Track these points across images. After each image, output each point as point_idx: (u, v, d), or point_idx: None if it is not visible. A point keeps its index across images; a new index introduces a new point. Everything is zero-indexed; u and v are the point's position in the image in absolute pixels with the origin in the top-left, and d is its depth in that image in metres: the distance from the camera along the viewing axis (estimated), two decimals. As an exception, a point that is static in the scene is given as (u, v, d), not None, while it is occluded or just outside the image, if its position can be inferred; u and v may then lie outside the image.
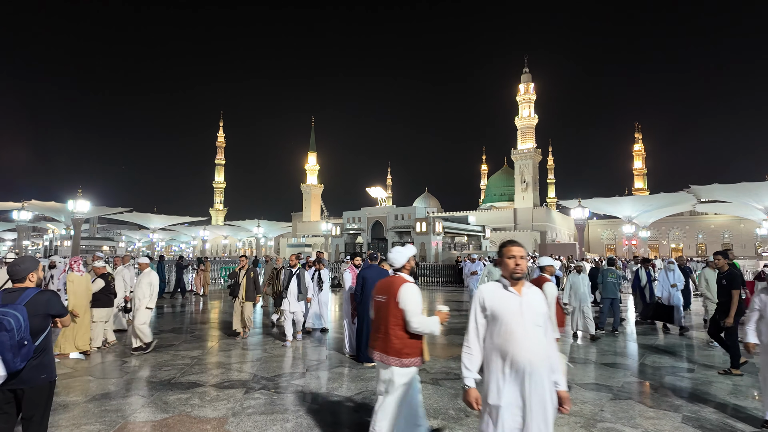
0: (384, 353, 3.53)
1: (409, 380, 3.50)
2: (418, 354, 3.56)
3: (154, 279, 8.22)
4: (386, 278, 3.83)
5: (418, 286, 3.76)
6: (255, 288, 9.51)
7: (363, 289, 6.99)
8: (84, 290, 7.78)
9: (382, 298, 3.68)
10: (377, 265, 7.32)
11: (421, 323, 3.48)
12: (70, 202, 41.43)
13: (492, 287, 2.88)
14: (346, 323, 7.76)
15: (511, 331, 2.71)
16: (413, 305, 3.50)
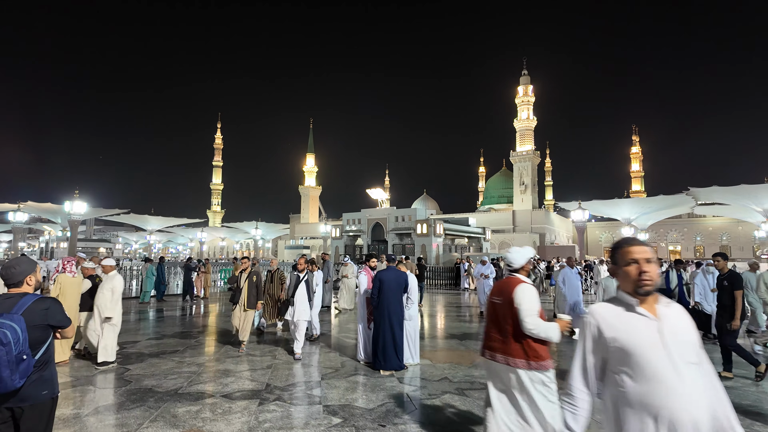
0: (507, 355, 3.39)
1: (537, 384, 3.32)
2: (545, 357, 3.37)
3: (117, 285, 7.23)
4: (503, 280, 3.73)
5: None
6: (257, 294, 8.46)
7: (380, 292, 6.63)
8: (75, 294, 7.36)
9: (499, 300, 3.58)
10: (395, 267, 6.95)
11: (537, 325, 3.31)
12: (67, 204, 40.89)
13: (609, 309, 2.06)
14: (361, 328, 7.34)
15: (654, 374, 1.86)
16: (528, 305, 3.37)
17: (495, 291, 3.71)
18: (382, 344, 6.53)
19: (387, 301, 6.59)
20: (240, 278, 8.51)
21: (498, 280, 3.88)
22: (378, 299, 6.63)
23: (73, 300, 7.24)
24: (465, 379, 6.41)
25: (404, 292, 6.81)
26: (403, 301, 6.80)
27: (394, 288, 6.66)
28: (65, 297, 7.12)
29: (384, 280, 6.63)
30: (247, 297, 8.30)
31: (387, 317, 6.58)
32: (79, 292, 7.46)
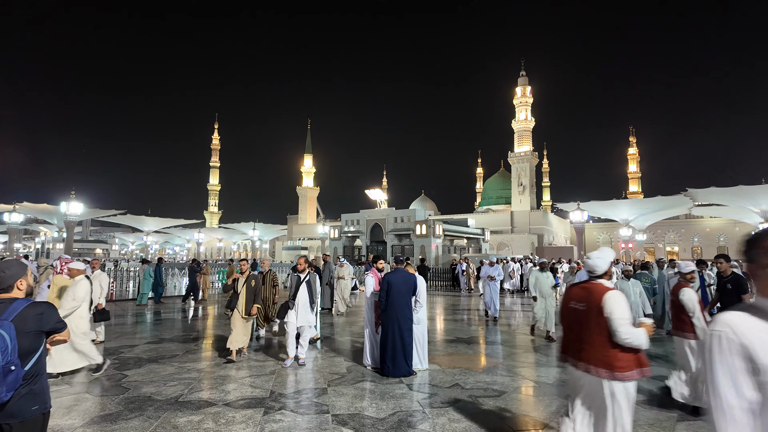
0: (590, 364, 3.26)
1: (620, 394, 3.19)
2: (633, 367, 3.22)
3: (80, 291, 6.57)
4: (583, 285, 3.57)
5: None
6: (255, 299, 7.80)
7: (388, 295, 6.39)
8: (72, 294, 7.05)
9: (581, 306, 3.45)
10: (403, 268, 6.72)
11: (631, 334, 3.18)
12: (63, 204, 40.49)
13: (755, 324, 1.45)
14: (368, 332, 7.08)
15: None
16: (620, 314, 3.23)
17: (576, 296, 3.57)
18: (391, 349, 6.30)
19: (395, 304, 6.37)
20: (237, 282, 7.84)
21: (575, 285, 3.69)
22: (386, 302, 6.40)
23: (70, 299, 6.96)
24: (477, 385, 6.17)
25: (413, 294, 6.59)
26: (411, 304, 6.58)
27: (402, 290, 6.43)
28: (60, 299, 6.86)
29: (392, 283, 6.40)
30: (245, 303, 7.64)
31: (395, 321, 6.35)
32: (74, 292, 7.19)
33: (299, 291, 7.30)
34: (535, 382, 6.40)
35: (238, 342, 7.57)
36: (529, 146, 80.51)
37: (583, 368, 3.32)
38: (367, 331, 7.10)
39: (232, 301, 7.82)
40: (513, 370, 7.08)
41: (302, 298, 7.31)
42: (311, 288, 7.40)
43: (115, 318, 12.59)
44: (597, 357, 3.25)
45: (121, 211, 69.71)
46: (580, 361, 3.37)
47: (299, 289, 7.31)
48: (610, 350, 3.22)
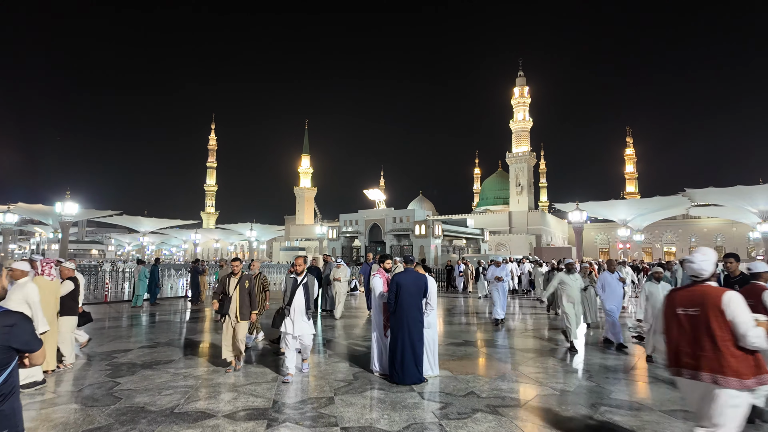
0: (717, 373, 3.07)
1: (743, 404, 3.07)
2: (756, 373, 3.06)
3: (31, 294, 5.67)
4: (690, 288, 3.39)
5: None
6: (250, 302, 7.00)
7: (397, 297, 6.01)
8: (53, 299, 6.60)
9: (694, 311, 3.26)
10: (413, 269, 6.34)
11: (759, 337, 3.00)
12: (58, 205, 40.04)
13: None
14: (376, 337, 6.68)
15: None
16: (745, 316, 3.06)
17: (684, 302, 3.37)
18: (401, 355, 5.92)
19: (405, 306, 6.00)
20: (229, 284, 7.04)
21: (677, 290, 3.51)
22: (395, 304, 6.02)
23: (50, 306, 6.52)
24: (493, 393, 5.79)
25: (423, 296, 6.21)
26: (422, 307, 6.21)
27: (413, 292, 6.06)
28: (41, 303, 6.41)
29: (402, 284, 6.02)
30: (239, 307, 6.84)
31: (405, 325, 5.98)
32: (57, 297, 6.77)
33: (295, 295, 6.48)
34: (555, 389, 6.02)
35: (234, 350, 6.90)
36: (527, 146, 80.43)
37: (709, 379, 3.12)
38: (375, 335, 6.70)
39: (224, 305, 6.95)
40: (529, 376, 6.71)
41: (298, 303, 6.46)
42: (308, 292, 6.56)
43: (109, 320, 12.17)
44: (728, 365, 3.06)
45: (117, 212, 69.27)
46: (700, 371, 3.18)
47: (295, 294, 6.49)
48: (737, 356, 3.06)
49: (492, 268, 12.49)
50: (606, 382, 6.38)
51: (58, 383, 6.21)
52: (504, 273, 12.17)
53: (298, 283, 6.55)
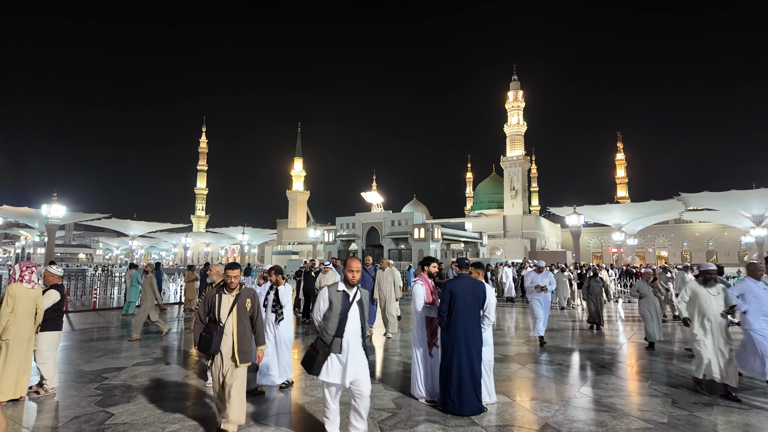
0: None
1: None
2: None
3: None
4: None
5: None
6: (255, 333, 4.74)
7: (452, 309, 5.03)
8: (29, 309, 5.53)
9: None
10: (468, 275, 5.31)
11: None
12: (44, 207, 38.79)
13: None
14: (419, 356, 5.62)
15: None
16: None
17: None
18: (457, 379, 4.91)
19: (461, 321, 4.99)
20: (220, 304, 4.55)
21: None
22: (448, 318, 5.02)
23: (26, 318, 5.48)
24: (575, 427, 4.75)
25: (481, 307, 5.23)
26: (480, 320, 5.22)
27: (470, 303, 5.06)
28: (17, 314, 5.37)
29: (457, 294, 5.03)
30: (237, 341, 4.46)
31: (463, 343, 4.97)
32: (38, 307, 5.66)
33: (348, 320, 4.16)
34: (648, 421, 4.98)
35: (232, 415, 4.40)
36: (521, 150, 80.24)
37: None
38: (419, 353, 5.61)
39: (212, 338, 4.40)
40: (605, 402, 5.67)
41: (353, 331, 4.18)
42: (365, 314, 4.33)
43: (98, 331, 11.03)
44: None
45: (106, 215, 67.79)
46: None
47: (349, 316, 4.17)
48: None
49: (531, 275, 10.59)
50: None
51: (36, 414, 5.11)
52: (548, 281, 10.26)
53: (351, 301, 4.24)
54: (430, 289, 5.67)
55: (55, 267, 6.42)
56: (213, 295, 4.60)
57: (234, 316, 4.54)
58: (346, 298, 4.22)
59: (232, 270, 4.56)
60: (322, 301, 4.24)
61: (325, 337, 4.14)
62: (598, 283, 12.02)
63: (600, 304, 11.75)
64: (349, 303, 4.22)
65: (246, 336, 4.57)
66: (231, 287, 4.59)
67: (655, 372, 7.32)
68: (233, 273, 4.55)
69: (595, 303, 11.75)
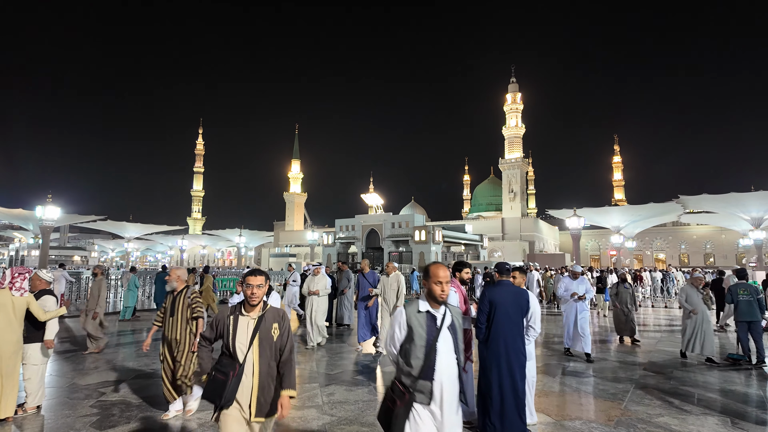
0: None
1: None
2: None
3: None
4: None
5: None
6: (281, 377, 3.20)
7: (491, 320, 4.49)
8: (13, 319, 4.94)
9: None
10: (509, 281, 4.74)
11: None
12: (39, 209, 38.02)
13: None
14: None
15: None
16: None
17: None
18: (498, 399, 4.36)
19: (503, 333, 4.43)
20: (235, 330, 3.17)
21: None
22: (488, 331, 4.48)
23: (9, 330, 4.90)
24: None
25: (524, 318, 4.68)
26: (524, 333, 4.65)
27: (512, 313, 4.50)
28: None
29: (497, 303, 4.48)
30: (258, 385, 3.09)
31: (504, 358, 4.41)
32: (21, 317, 5.08)
33: (439, 353, 2.94)
34: None
35: None
36: (519, 153, 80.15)
37: None
38: None
39: (220, 381, 3.06)
40: (657, 421, 5.16)
41: (447, 372, 2.93)
42: (458, 343, 3.10)
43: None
44: None
45: (101, 217, 66.94)
46: None
47: (438, 348, 2.95)
48: None
49: (566, 281, 9.28)
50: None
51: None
52: (585, 288, 9.01)
53: (440, 325, 3.01)
54: (463, 297, 5.12)
55: (45, 272, 5.86)
56: (226, 316, 3.18)
57: (256, 350, 3.07)
58: (432, 322, 2.95)
59: (253, 277, 3.12)
60: (397, 327, 2.99)
61: (406, 379, 2.89)
62: (627, 290, 11.11)
63: (631, 313, 10.75)
64: (438, 329, 2.94)
65: (271, 378, 3.11)
66: (252, 304, 3.13)
67: (698, 386, 6.84)
68: (255, 281, 3.11)
69: (625, 312, 10.74)
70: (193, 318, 5.21)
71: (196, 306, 5.23)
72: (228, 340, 3.10)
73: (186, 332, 5.16)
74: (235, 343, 3.08)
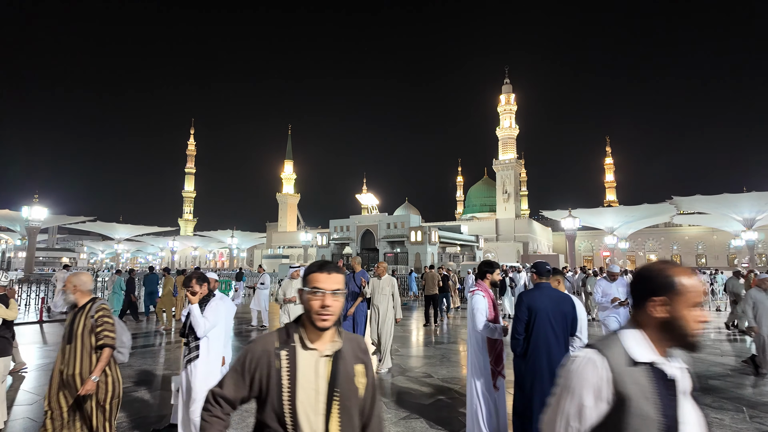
0: None
1: None
2: None
3: None
4: None
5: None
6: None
7: (531, 330, 3.90)
8: None
9: None
10: (548, 284, 4.13)
11: None
12: (25, 209, 37.27)
13: None
14: (479, 389, 4.34)
15: None
16: None
17: None
18: (536, 416, 3.74)
19: (545, 345, 3.85)
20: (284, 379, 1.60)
21: None
22: (526, 343, 3.90)
23: None
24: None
25: (570, 328, 4.05)
26: (569, 345, 4.05)
27: (555, 322, 3.90)
28: None
29: (538, 309, 3.89)
30: None
31: (547, 374, 3.78)
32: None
33: None
34: None
35: None
36: (513, 154, 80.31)
37: None
38: (478, 385, 4.36)
39: None
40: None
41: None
42: None
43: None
44: None
45: (91, 218, 66.22)
46: None
47: None
48: None
49: (603, 284, 8.08)
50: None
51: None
52: (623, 291, 7.82)
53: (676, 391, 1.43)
54: (491, 303, 4.49)
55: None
56: (270, 350, 1.67)
57: (335, 420, 1.63)
58: (664, 387, 1.41)
59: (326, 275, 1.68)
60: (586, 395, 1.42)
61: None
62: None
63: None
64: (675, 397, 1.42)
65: None
66: (322, 326, 1.64)
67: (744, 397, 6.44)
68: (330, 283, 1.67)
69: None
70: (98, 347, 3.47)
71: (103, 329, 3.48)
72: (278, 400, 1.61)
73: (89, 367, 3.43)
74: (297, 408, 1.60)
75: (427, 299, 13.32)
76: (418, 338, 10.86)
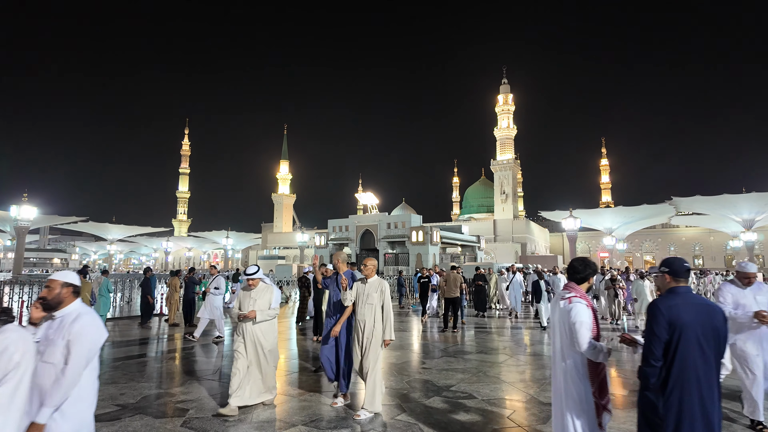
0: None
1: None
2: None
3: None
4: None
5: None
6: None
7: (675, 354, 2.89)
8: None
9: None
10: (688, 288, 3.10)
11: None
12: (13, 208, 36.14)
13: None
14: (578, 428, 3.26)
15: None
16: None
17: None
18: None
19: (695, 377, 2.86)
20: None
21: None
22: (666, 372, 2.89)
23: None
24: None
25: (720, 348, 3.01)
26: (720, 371, 3.03)
27: (704, 343, 2.91)
28: None
29: (684, 325, 2.88)
30: None
31: (700, 415, 2.83)
32: None
33: None
34: None
35: None
36: (511, 154, 79.96)
37: None
38: (578, 424, 3.25)
39: None
40: None
41: None
42: None
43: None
44: None
45: (83, 218, 65.20)
46: None
47: None
48: None
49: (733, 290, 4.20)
50: None
51: None
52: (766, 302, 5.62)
53: None
54: (594, 314, 3.39)
55: None
56: None
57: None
58: None
59: None
60: None
61: None
62: None
63: None
64: None
65: None
66: None
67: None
68: None
69: None
70: None
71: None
72: None
73: None
74: None
75: (447, 302, 12.39)
76: (439, 346, 9.94)
